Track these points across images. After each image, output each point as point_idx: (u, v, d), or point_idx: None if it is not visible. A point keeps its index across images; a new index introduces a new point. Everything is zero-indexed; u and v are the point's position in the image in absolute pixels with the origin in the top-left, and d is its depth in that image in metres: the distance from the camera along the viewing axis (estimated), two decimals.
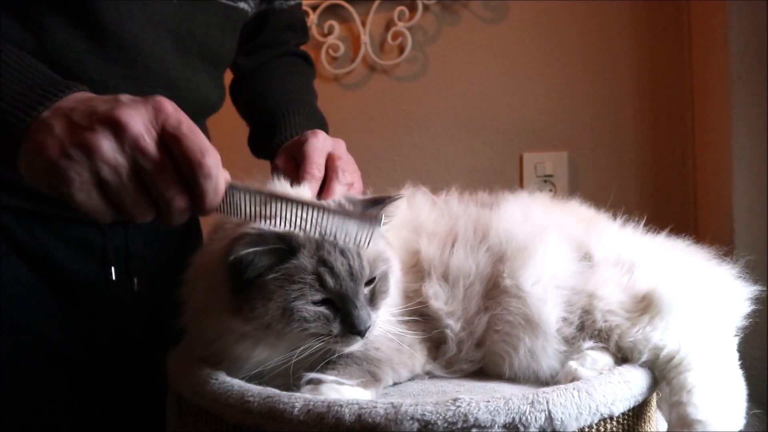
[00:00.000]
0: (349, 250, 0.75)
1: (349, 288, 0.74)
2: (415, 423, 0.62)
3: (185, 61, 1.01)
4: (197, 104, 1.04)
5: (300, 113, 1.10)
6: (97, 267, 1.00)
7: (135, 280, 1.04)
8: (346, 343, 0.75)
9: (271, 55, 1.24)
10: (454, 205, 0.92)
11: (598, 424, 0.68)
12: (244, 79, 1.24)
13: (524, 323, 0.81)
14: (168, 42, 0.98)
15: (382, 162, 1.85)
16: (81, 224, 0.98)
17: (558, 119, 1.69)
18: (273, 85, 1.20)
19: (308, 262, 0.73)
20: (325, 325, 0.73)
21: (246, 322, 0.73)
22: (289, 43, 1.27)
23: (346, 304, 0.74)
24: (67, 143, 0.64)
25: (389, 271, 0.80)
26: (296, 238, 0.74)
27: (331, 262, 0.74)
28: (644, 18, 1.63)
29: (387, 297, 0.80)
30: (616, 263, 0.83)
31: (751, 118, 1.33)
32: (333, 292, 0.74)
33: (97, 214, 0.67)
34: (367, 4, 1.81)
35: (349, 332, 0.74)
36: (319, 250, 0.74)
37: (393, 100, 1.84)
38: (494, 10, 1.74)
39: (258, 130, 1.17)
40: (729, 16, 1.34)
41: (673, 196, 1.62)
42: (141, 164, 0.65)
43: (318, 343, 0.74)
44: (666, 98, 1.62)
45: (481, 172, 1.76)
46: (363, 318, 0.74)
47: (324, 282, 0.73)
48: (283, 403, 0.67)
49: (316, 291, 0.73)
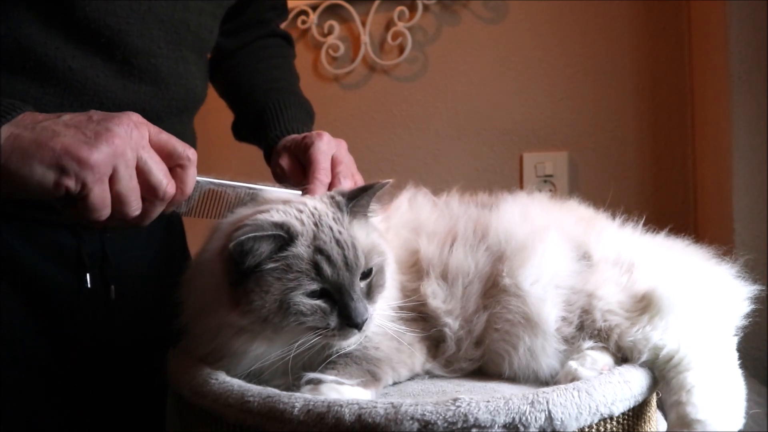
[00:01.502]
0: (344, 241, 0.75)
1: (345, 278, 0.74)
2: (415, 423, 0.62)
3: (179, 54, 0.98)
4: (185, 100, 1.02)
5: (292, 105, 1.10)
6: (70, 273, 0.95)
7: (112, 288, 0.99)
8: (343, 337, 0.75)
9: (253, 36, 1.22)
10: (455, 206, 0.92)
11: (598, 424, 0.68)
12: (225, 59, 1.21)
13: (524, 322, 0.81)
14: (159, 34, 0.95)
15: (382, 162, 1.85)
16: (53, 227, 0.93)
17: (558, 119, 1.70)
18: (259, 70, 1.18)
19: (305, 251, 0.74)
20: (323, 318, 0.73)
21: (243, 316, 0.74)
22: (271, 23, 1.26)
23: (342, 296, 0.74)
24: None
25: (384, 263, 0.80)
26: (293, 226, 0.74)
27: (327, 251, 0.74)
28: (644, 18, 1.63)
29: (383, 290, 0.80)
30: (615, 263, 0.83)
31: (751, 118, 1.33)
32: (329, 282, 0.74)
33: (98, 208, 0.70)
34: (367, 4, 1.81)
35: (347, 325, 0.74)
36: (315, 239, 0.74)
37: (393, 100, 1.84)
38: (494, 10, 1.74)
39: (245, 118, 1.16)
40: (729, 16, 1.34)
41: (673, 196, 1.62)
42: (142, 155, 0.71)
43: (315, 337, 0.74)
44: (666, 98, 1.62)
45: (481, 172, 1.76)
46: (360, 310, 0.74)
47: (321, 271, 0.73)
48: (283, 403, 0.67)
49: (312, 280, 0.73)
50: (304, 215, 0.77)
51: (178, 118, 1.03)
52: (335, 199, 0.81)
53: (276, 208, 0.78)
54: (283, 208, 0.78)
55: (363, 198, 0.80)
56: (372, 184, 0.81)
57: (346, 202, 0.80)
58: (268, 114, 1.08)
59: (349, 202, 0.80)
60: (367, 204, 0.81)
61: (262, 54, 1.21)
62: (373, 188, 0.80)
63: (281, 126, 1.06)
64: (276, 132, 1.06)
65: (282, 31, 1.28)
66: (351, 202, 0.80)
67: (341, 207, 0.79)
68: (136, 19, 0.92)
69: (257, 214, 0.77)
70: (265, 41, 1.23)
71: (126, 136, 0.71)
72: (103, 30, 0.89)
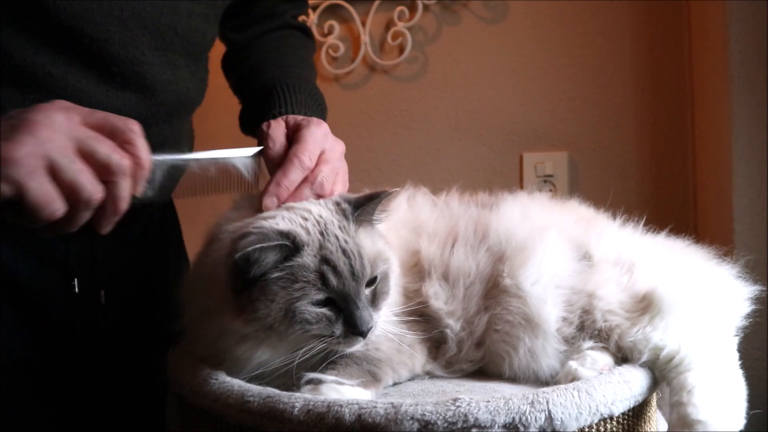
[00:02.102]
0: (350, 250, 0.75)
1: (351, 288, 0.74)
2: (415, 423, 0.62)
3: (165, 59, 0.93)
4: (176, 104, 0.97)
5: (300, 91, 1.00)
6: (58, 278, 0.92)
7: (102, 293, 0.96)
8: (348, 344, 0.75)
9: (264, 28, 1.14)
10: (455, 206, 0.92)
11: (598, 424, 0.68)
12: (236, 53, 1.15)
13: (524, 323, 0.81)
14: (143, 41, 0.89)
15: (382, 162, 1.85)
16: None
17: (558, 119, 1.69)
18: (269, 59, 1.10)
19: (311, 261, 0.73)
20: (328, 327, 0.73)
21: (248, 324, 0.73)
22: (285, 15, 1.17)
23: (348, 305, 0.74)
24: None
25: (389, 270, 0.80)
26: (299, 235, 0.74)
27: (333, 261, 0.74)
28: (644, 18, 1.63)
29: (388, 297, 0.80)
30: (615, 263, 0.83)
31: (751, 118, 1.33)
32: (335, 292, 0.74)
33: (48, 205, 0.64)
34: (367, 4, 1.81)
35: (352, 333, 0.74)
36: (321, 249, 0.74)
37: (393, 100, 1.84)
38: (494, 10, 1.74)
39: (251, 104, 1.07)
40: (729, 16, 1.34)
41: (673, 196, 1.62)
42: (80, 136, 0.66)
43: (320, 344, 0.74)
44: (666, 98, 1.62)
45: (481, 172, 1.76)
46: (365, 319, 0.74)
47: (326, 281, 0.73)
48: (283, 403, 0.67)
49: (318, 290, 0.73)
50: (309, 223, 0.76)
51: (168, 123, 0.97)
52: (341, 207, 0.79)
53: (281, 215, 0.77)
54: (288, 215, 0.77)
55: (369, 206, 0.79)
56: (378, 192, 0.80)
57: (352, 210, 0.79)
58: (275, 95, 0.99)
59: (354, 210, 0.79)
60: (372, 212, 0.80)
61: (273, 44, 1.14)
62: (379, 197, 0.79)
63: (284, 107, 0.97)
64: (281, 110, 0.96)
65: (298, 23, 1.20)
66: (357, 210, 0.79)
67: (347, 215, 0.78)
68: (117, 26, 0.86)
69: (261, 220, 0.76)
70: (277, 33, 1.16)
71: (49, 122, 0.65)
72: (80, 38, 0.84)
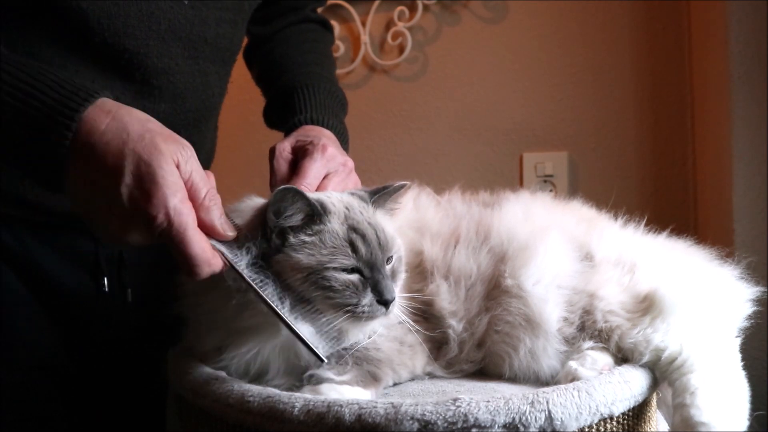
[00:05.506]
0: (375, 223, 0.78)
1: (378, 257, 0.75)
2: (415, 423, 0.62)
3: (196, 67, 0.98)
4: (201, 110, 1.02)
5: (320, 91, 1.06)
6: (88, 277, 0.97)
7: (129, 291, 1.00)
8: (371, 315, 0.74)
9: (287, 22, 1.19)
10: (458, 205, 0.92)
11: (598, 424, 0.68)
12: (259, 46, 1.19)
13: (525, 323, 0.81)
14: (178, 51, 0.94)
15: (382, 162, 1.85)
16: (72, 232, 0.94)
17: (558, 119, 1.69)
18: (290, 55, 1.15)
19: (339, 228, 0.75)
20: (353, 295, 0.73)
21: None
22: (306, 8, 1.22)
23: (374, 273, 0.75)
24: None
25: (402, 254, 0.81)
26: (326, 202, 0.76)
27: (362, 230, 0.76)
28: (644, 18, 1.63)
29: (403, 278, 0.81)
30: (617, 263, 0.83)
31: (751, 118, 1.33)
32: (363, 260, 0.75)
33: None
34: (367, 4, 1.81)
35: (377, 301, 0.74)
36: (347, 219, 0.76)
37: (393, 100, 1.84)
38: (494, 10, 1.74)
39: (275, 103, 1.12)
40: (729, 16, 1.34)
41: (673, 196, 1.62)
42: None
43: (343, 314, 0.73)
44: (666, 98, 1.62)
45: (482, 172, 1.76)
46: (390, 287, 0.75)
47: (356, 248, 0.74)
48: (283, 403, 0.67)
49: (347, 257, 0.74)
50: (333, 198, 0.78)
51: (196, 128, 1.02)
52: (357, 194, 0.82)
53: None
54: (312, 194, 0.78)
55: (384, 194, 0.82)
56: (390, 184, 0.83)
57: (369, 195, 0.82)
58: (296, 98, 1.04)
59: (371, 197, 0.82)
60: (387, 200, 0.83)
61: (295, 39, 1.18)
62: (391, 188, 0.82)
63: (307, 113, 1.02)
64: (301, 117, 1.01)
65: (318, 17, 1.24)
66: (373, 196, 0.82)
67: (365, 199, 0.81)
68: (155, 39, 0.91)
69: None
70: (299, 26, 1.20)
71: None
72: (122, 53, 0.89)
